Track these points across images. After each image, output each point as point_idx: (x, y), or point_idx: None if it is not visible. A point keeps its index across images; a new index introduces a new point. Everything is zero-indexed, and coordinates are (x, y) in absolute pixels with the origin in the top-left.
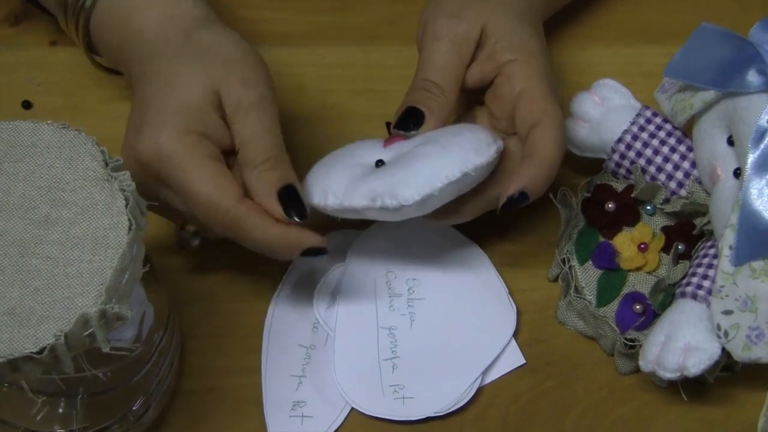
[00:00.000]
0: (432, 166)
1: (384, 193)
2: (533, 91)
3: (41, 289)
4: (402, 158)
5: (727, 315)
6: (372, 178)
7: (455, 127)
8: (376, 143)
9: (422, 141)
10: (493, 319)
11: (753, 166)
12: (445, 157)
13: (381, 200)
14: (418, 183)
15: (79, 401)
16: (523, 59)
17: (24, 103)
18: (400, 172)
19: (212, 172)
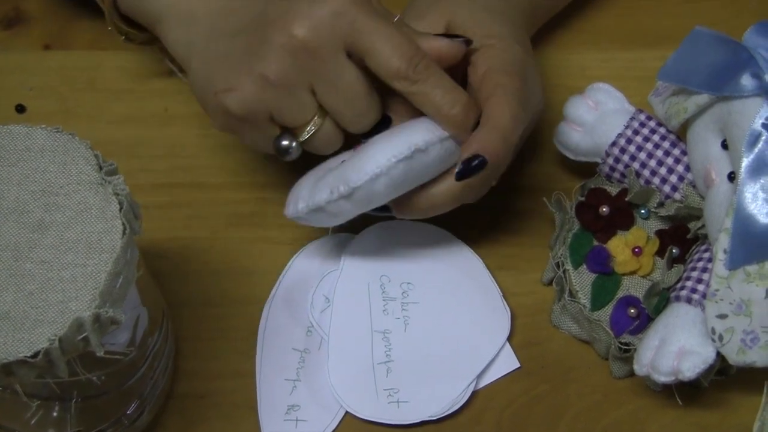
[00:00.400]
0: (379, 147)
1: (339, 182)
2: (492, 71)
3: (35, 293)
4: (357, 151)
5: (722, 319)
6: (331, 174)
7: (426, 123)
8: (348, 152)
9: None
10: (487, 322)
11: (747, 169)
12: (393, 138)
13: (336, 189)
14: (366, 165)
15: (74, 405)
16: (487, 44)
17: (17, 107)
18: (351, 161)
19: (397, 27)
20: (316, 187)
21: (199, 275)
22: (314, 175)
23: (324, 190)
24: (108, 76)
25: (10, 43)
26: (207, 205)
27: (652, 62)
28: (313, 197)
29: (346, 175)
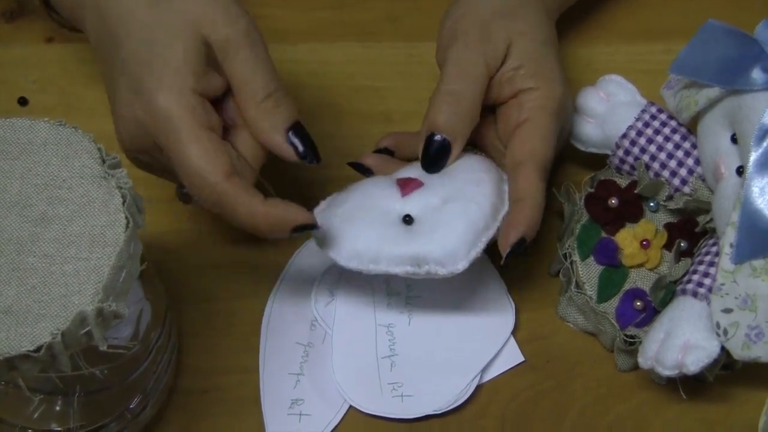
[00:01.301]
0: (472, 227)
1: (429, 260)
2: (534, 126)
3: (38, 287)
4: (433, 218)
5: (727, 313)
6: (407, 240)
7: (472, 171)
8: (390, 189)
9: (446, 193)
10: (491, 316)
11: (755, 164)
12: (479, 214)
13: (428, 267)
14: (464, 249)
15: (77, 399)
16: (542, 89)
17: (20, 100)
18: (440, 237)
19: (205, 145)
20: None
21: (203, 269)
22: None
23: (407, 261)
24: None
25: (12, 37)
26: None
27: (658, 56)
28: (388, 264)
29: (442, 257)
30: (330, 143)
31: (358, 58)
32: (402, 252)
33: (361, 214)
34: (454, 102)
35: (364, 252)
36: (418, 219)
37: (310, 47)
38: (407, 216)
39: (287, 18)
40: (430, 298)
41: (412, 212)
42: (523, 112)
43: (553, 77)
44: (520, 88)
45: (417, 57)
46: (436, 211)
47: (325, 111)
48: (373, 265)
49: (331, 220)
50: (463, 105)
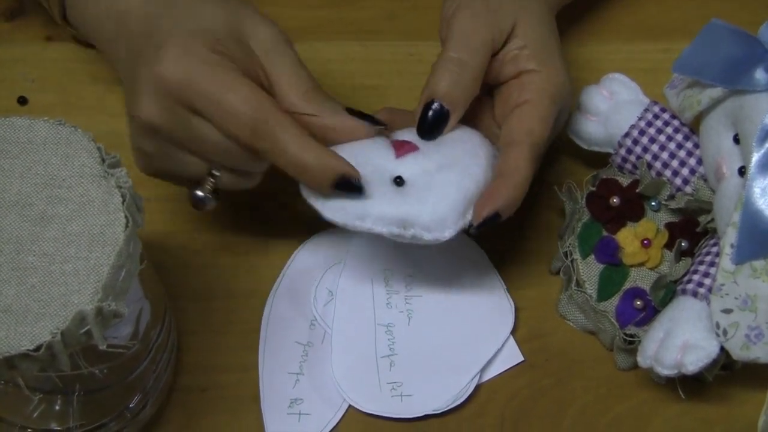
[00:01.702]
0: (463, 197)
1: (416, 224)
2: (533, 107)
3: (37, 286)
4: (425, 183)
5: (727, 314)
6: (397, 201)
7: (470, 144)
8: (385, 149)
9: (441, 161)
10: (491, 315)
11: (757, 164)
12: (472, 186)
13: (413, 231)
14: (453, 218)
15: (76, 398)
16: (545, 72)
17: (20, 99)
18: (431, 202)
19: (246, 83)
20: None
21: (203, 268)
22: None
23: (393, 222)
24: (110, 68)
25: (12, 35)
26: None
27: (658, 54)
28: (372, 221)
29: (430, 222)
30: None
31: (357, 56)
32: (390, 212)
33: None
34: (456, 70)
35: (351, 207)
36: (409, 182)
37: (309, 46)
38: (398, 177)
39: (286, 16)
40: (429, 297)
41: (404, 174)
42: (524, 93)
43: (556, 63)
44: (523, 69)
45: (416, 55)
46: (428, 176)
47: None
48: (359, 221)
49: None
50: (466, 74)
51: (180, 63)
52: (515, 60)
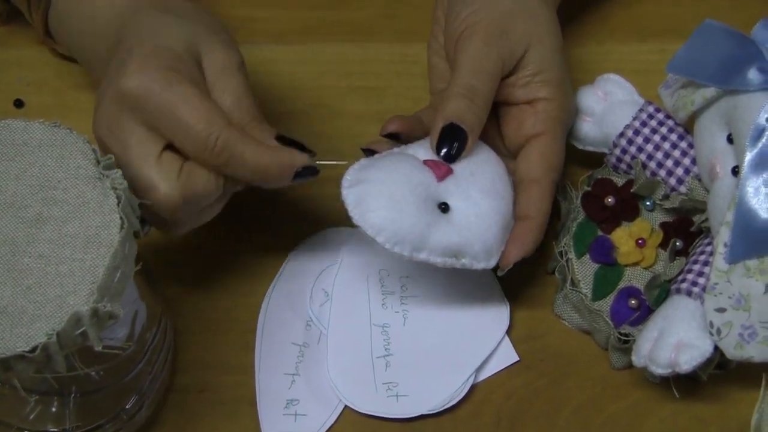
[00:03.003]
0: (505, 225)
1: (468, 254)
2: (551, 141)
3: (33, 287)
4: (470, 210)
5: (720, 313)
6: (448, 230)
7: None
8: (424, 172)
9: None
10: (486, 316)
11: (750, 164)
12: (507, 210)
13: (464, 261)
14: (497, 246)
15: (72, 400)
16: (557, 101)
17: (16, 102)
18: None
19: (200, 101)
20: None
21: (198, 269)
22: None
23: (445, 252)
24: None
25: (8, 39)
26: None
27: (650, 55)
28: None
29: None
30: (325, 143)
31: (354, 57)
32: (445, 243)
33: (405, 196)
34: (470, 96)
35: (409, 238)
36: (454, 208)
37: (306, 47)
38: (443, 204)
39: (283, 18)
40: (425, 297)
41: (449, 201)
42: (539, 123)
43: (566, 88)
44: (536, 96)
45: (412, 56)
46: (470, 200)
47: (321, 111)
48: (416, 252)
49: (371, 195)
50: (479, 101)
51: (139, 78)
52: (527, 86)
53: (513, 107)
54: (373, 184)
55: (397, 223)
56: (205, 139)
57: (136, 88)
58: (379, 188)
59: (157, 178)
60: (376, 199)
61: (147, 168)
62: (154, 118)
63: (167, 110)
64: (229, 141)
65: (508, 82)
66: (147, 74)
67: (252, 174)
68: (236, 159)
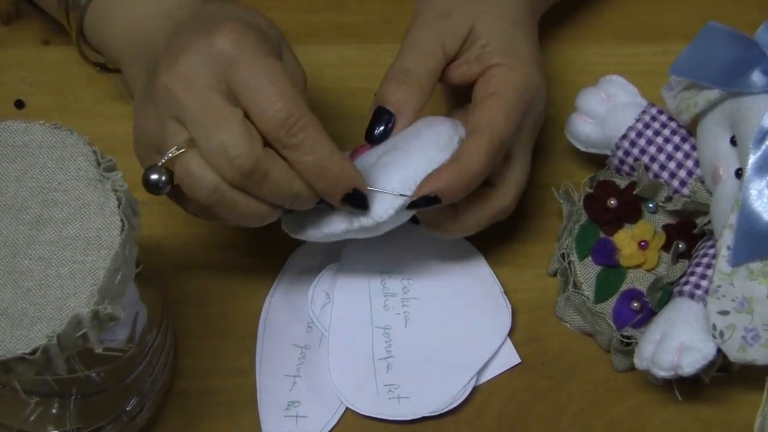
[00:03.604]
0: (399, 174)
1: (360, 215)
2: (498, 99)
3: (33, 289)
4: (367, 173)
5: (723, 315)
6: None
7: (416, 125)
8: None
9: (385, 149)
10: (488, 318)
11: (753, 167)
12: (409, 161)
13: (358, 221)
14: (388, 196)
15: (73, 402)
16: (508, 65)
17: (17, 103)
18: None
19: (287, 80)
20: (325, 217)
21: (200, 271)
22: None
23: (342, 219)
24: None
25: (9, 39)
26: None
27: (652, 57)
28: (328, 225)
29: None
30: None
31: (354, 60)
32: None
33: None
34: (402, 78)
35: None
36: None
37: (306, 49)
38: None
39: (284, 20)
40: (426, 299)
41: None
42: (489, 87)
43: (521, 55)
44: (487, 65)
45: None
46: (371, 167)
47: (322, 113)
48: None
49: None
50: (412, 82)
51: (234, 38)
52: (480, 58)
53: (474, 85)
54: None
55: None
56: (286, 117)
57: (231, 46)
58: None
59: (243, 137)
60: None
61: (233, 126)
62: (240, 81)
63: (256, 76)
64: (309, 126)
65: (462, 60)
66: (242, 38)
67: (312, 168)
68: (307, 146)
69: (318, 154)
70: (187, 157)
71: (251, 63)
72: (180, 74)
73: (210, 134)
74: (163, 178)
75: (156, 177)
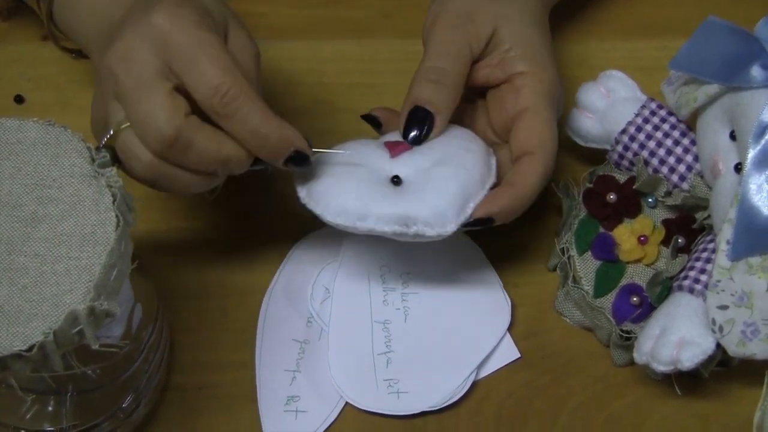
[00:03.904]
0: (462, 191)
1: (418, 220)
2: (536, 114)
3: (29, 286)
4: (423, 180)
5: (723, 310)
6: (396, 199)
7: (461, 139)
8: (379, 150)
9: (436, 157)
10: (487, 313)
11: (753, 161)
12: (469, 179)
13: (416, 228)
14: (453, 212)
15: (69, 399)
16: (534, 73)
17: (16, 98)
18: (430, 198)
19: (222, 51)
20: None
21: (199, 266)
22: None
23: (395, 221)
24: None
25: (8, 34)
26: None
27: (653, 52)
28: (375, 222)
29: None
30: (325, 140)
31: (354, 55)
32: (391, 210)
33: (349, 172)
34: (436, 78)
35: (352, 208)
36: (407, 180)
37: (306, 44)
38: (396, 177)
39: (283, 15)
40: (426, 294)
41: (401, 173)
42: (521, 100)
43: (543, 60)
44: (511, 72)
45: (412, 54)
46: (425, 173)
47: (321, 108)
48: (360, 222)
49: (318, 176)
50: (446, 82)
51: (170, 13)
52: (503, 63)
53: (496, 91)
54: (320, 165)
55: (339, 195)
56: (218, 85)
57: (165, 22)
58: (324, 168)
59: (163, 109)
60: (321, 178)
61: (156, 98)
62: (174, 54)
63: (189, 48)
64: (241, 94)
65: (484, 63)
66: (178, 12)
67: (250, 136)
68: (242, 114)
69: (254, 122)
70: (123, 134)
71: (186, 37)
72: (119, 52)
73: (136, 108)
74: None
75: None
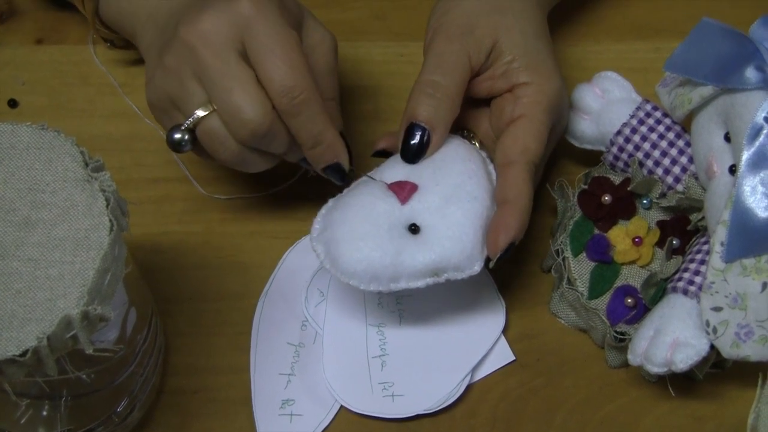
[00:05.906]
0: (480, 226)
1: (448, 268)
2: (527, 123)
3: (23, 291)
4: (439, 221)
5: (717, 311)
6: (421, 253)
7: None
8: (387, 197)
9: (444, 192)
10: (482, 315)
11: (747, 163)
12: (482, 209)
13: (447, 275)
14: (478, 250)
15: (63, 403)
16: (538, 83)
17: (10, 102)
18: (454, 243)
19: (301, 53)
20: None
21: (194, 270)
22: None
23: (425, 273)
24: (100, 71)
25: (2, 38)
26: (201, 199)
27: (647, 54)
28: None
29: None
30: None
31: (347, 57)
32: (420, 266)
33: (367, 232)
34: (433, 92)
35: (382, 273)
36: (423, 226)
37: None
38: (413, 225)
39: None
40: (420, 297)
41: (417, 221)
42: (518, 108)
43: (547, 71)
44: (514, 83)
45: (406, 56)
46: (439, 212)
47: None
48: (394, 284)
49: (336, 241)
50: (443, 96)
51: (255, 3)
52: (506, 74)
53: (498, 100)
54: (336, 227)
55: (366, 261)
56: (292, 86)
57: (252, 11)
58: (342, 231)
59: (255, 102)
60: (342, 243)
61: (249, 88)
62: (254, 42)
63: (269, 40)
64: (310, 99)
65: (487, 75)
66: (263, 3)
67: (307, 137)
68: (305, 117)
69: (315, 127)
70: (210, 120)
71: (269, 28)
72: (199, 31)
73: (227, 96)
74: (186, 137)
75: (179, 137)
